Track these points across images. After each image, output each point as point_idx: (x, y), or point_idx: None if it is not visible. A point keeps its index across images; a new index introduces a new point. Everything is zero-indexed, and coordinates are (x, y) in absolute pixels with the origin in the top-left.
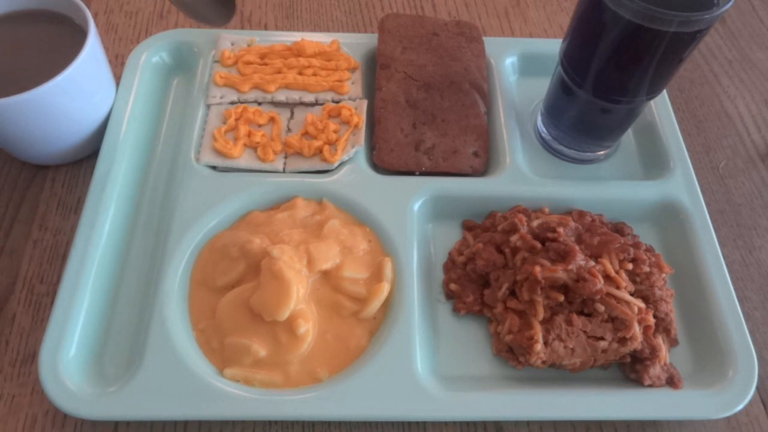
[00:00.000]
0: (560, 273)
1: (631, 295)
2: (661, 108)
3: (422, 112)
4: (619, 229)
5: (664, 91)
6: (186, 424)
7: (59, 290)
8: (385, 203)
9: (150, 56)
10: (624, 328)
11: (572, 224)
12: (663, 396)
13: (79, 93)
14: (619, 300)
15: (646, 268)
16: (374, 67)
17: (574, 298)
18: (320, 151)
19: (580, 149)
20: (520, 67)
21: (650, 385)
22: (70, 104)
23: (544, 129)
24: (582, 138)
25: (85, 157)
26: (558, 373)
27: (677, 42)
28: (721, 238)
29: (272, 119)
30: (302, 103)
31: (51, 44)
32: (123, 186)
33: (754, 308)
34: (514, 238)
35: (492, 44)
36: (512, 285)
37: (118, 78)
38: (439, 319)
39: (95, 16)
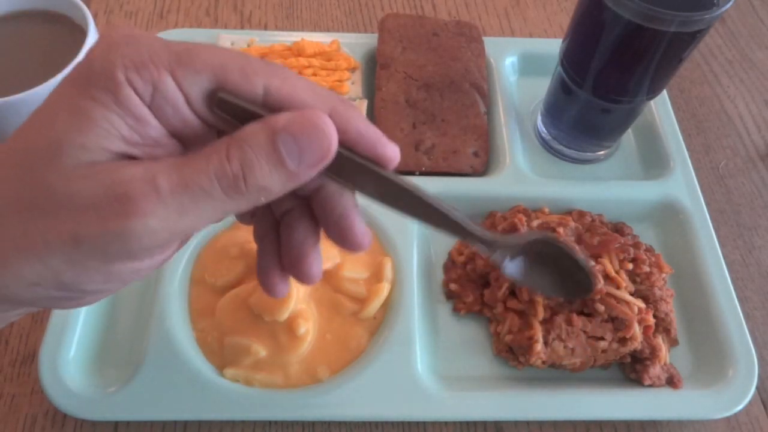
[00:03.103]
0: None
1: (631, 295)
2: (661, 108)
3: (422, 112)
4: (619, 229)
5: (664, 91)
6: (186, 424)
7: None
8: None
9: None
10: (624, 328)
11: (572, 224)
12: (663, 396)
13: None
14: (619, 300)
15: (646, 268)
16: (374, 67)
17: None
18: None
19: (580, 149)
20: (520, 67)
21: (650, 385)
22: None
23: (544, 129)
24: (582, 138)
25: None
26: (558, 373)
27: (677, 42)
28: (721, 238)
29: None
30: None
31: (51, 44)
32: None
33: (754, 308)
34: None
35: (492, 44)
36: (512, 285)
37: None
38: (439, 319)
39: (95, 16)
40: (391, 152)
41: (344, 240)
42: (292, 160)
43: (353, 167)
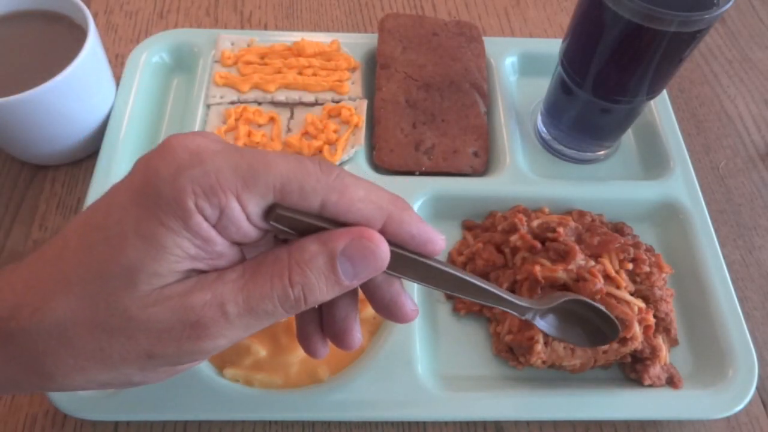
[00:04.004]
0: (560, 273)
1: (631, 295)
2: (661, 108)
3: (422, 112)
4: (619, 229)
5: (664, 91)
6: (186, 424)
7: None
8: None
9: (150, 56)
10: (624, 328)
11: (572, 224)
12: (663, 396)
13: (79, 93)
14: (619, 300)
15: (646, 268)
16: (374, 67)
17: None
18: (320, 151)
19: (580, 149)
20: (520, 67)
21: (650, 385)
22: (70, 104)
23: (544, 129)
24: (582, 138)
25: (85, 157)
26: (558, 374)
27: (677, 42)
28: (721, 238)
29: (272, 119)
30: (302, 103)
31: (51, 44)
32: None
33: (754, 308)
34: (514, 238)
35: (492, 44)
36: (512, 285)
37: (118, 78)
38: (439, 319)
39: (95, 16)
40: (439, 247)
41: (394, 318)
42: (346, 278)
43: (402, 261)
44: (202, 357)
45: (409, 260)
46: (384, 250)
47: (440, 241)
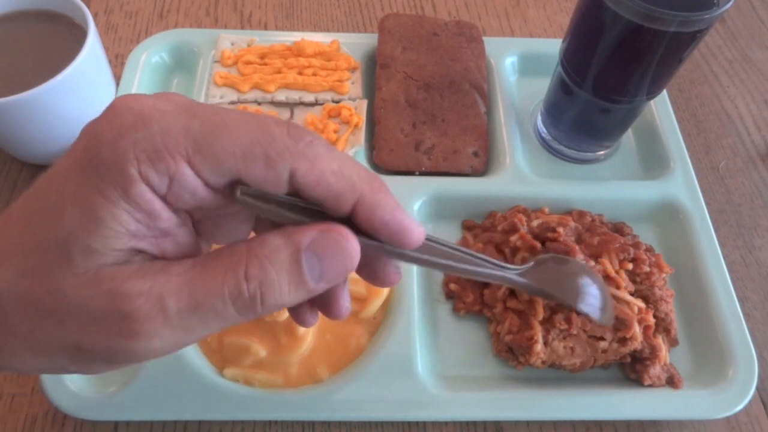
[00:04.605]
0: None
1: (631, 295)
2: (661, 108)
3: (422, 112)
4: (619, 229)
5: (664, 91)
6: (186, 424)
7: None
8: None
9: (150, 56)
10: (624, 328)
11: (572, 224)
12: (663, 396)
13: (79, 93)
14: (619, 300)
15: (646, 268)
16: (374, 67)
17: None
18: None
19: (580, 149)
20: (520, 67)
21: (650, 385)
22: (70, 104)
23: (544, 129)
24: (582, 138)
25: None
26: (558, 373)
27: (677, 42)
28: (721, 238)
29: None
30: (302, 103)
31: (51, 44)
32: None
33: (754, 308)
34: (513, 238)
35: (492, 44)
36: None
37: (118, 78)
38: (439, 319)
39: (95, 16)
40: (416, 239)
41: (374, 279)
42: (312, 279)
43: (375, 249)
44: (134, 360)
45: (375, 248)
46: (354, 247)
47: (417, 233)
